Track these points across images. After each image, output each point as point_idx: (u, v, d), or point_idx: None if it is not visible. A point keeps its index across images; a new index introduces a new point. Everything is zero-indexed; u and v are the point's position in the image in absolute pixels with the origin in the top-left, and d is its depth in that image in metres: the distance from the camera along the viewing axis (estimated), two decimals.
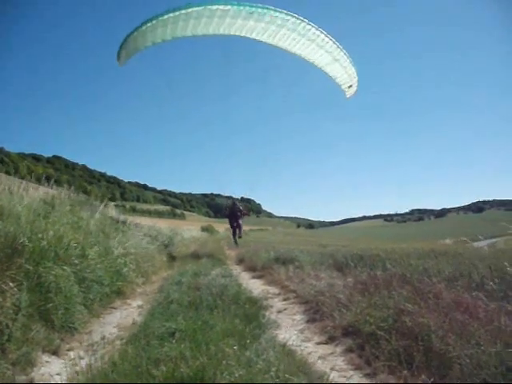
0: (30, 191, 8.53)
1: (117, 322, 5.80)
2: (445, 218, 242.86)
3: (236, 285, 8.32)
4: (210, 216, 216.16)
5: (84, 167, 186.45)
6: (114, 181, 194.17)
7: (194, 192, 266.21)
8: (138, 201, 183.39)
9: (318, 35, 10.43)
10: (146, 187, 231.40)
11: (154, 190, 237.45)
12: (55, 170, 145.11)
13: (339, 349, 4.64)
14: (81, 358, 4.16)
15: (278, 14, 9.66)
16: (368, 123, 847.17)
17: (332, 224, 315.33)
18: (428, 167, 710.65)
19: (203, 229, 55.96)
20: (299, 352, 4.41)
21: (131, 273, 8.28)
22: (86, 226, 8.01)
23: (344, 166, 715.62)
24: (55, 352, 4.27)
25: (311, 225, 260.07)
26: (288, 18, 9.84)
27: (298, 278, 8.39)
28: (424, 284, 5.60)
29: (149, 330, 4.93)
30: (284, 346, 4.44)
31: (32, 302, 4.42)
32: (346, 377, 3.85)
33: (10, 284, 4.19)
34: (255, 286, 9.05)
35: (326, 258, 10.62)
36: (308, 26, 10.17)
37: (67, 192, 10.99)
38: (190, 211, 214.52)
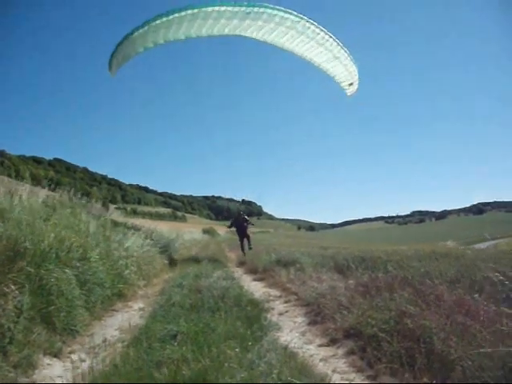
0: (31, 194, 8.53)
1: (118, 324, 5.80)
2: (446, 219, 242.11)
3: (237, 287, 8.31)
4: (211, 218, 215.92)
5: (85, 170, 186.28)
6: (115, 183, 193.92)
7: (195, 194, 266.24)
8: (139, 203, 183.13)
9: (318, 33, 10.32)
10: (147, 190, 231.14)
11: (154, 192, 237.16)
12: (56, 172, 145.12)
13: (341, 351, 4.63)
14: (82, 360, 4.17)
15: (276, 12, 9.55)
16: (368, 125, 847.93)
17: (333, 226, 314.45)
18: (429, 169, 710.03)
19: (204, 231, 55.90)
20: (301, 354, 4.41)
21: (132, 275, 8.29)
22: (87, 229, 8.01)
23: (345, 168, 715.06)
24: (57, 355, 4.27)
25: (312, 227, 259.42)
26: (287, 16, 9.71)
27: (299, 281, 8.38)
28: (426, 286, 5.60)
29: (150, 332, 4.93)
30: (286, 348, 4.44)
31: (34, 305, 4.42)
32: (347, 379, 3.85)
33: (12, 287, 4.19)
34: (256, 289, 9.05)
35: (327, 260, 10.62)
36: (307, 24, 10.05)
37: (68, 194, 11.00)
38: (191, 213, 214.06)
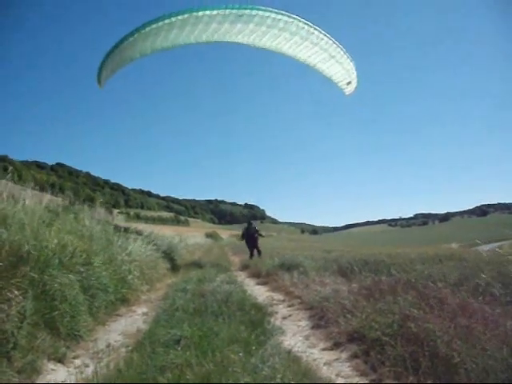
0: (34, 199, 8.56)
1: (122, 329, 5.80)
2: (449, 222, 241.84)
3: (241, 291, 8.30)
4: (214, 222, 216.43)
5: (88, 174, 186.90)
6: (117, 188, 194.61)
7: (197, 198, 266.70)
8: (142, 208, 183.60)
9: (312, 32, 10.03)
10: (149, 194, 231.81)
11: (157, 196, 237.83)
12: (59, 177, 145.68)
13: (344, 355, 4.62)
14: (86, 365, 4.18)
15: (268, 13, 9.21)
16: (371, 128, 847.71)
17: (336, 229, 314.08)
18: (431, 171, 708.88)
19: (207, 235, 55.97)
20: (304, 358, 4.40)
21: (136, 280, 8.30)
22: (90, 234, 8.03)
23: (348, 171, 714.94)
24: (61, 360, 4.28)
25: (315, 230, 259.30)
26: (279, 17, 9.40)
27: (302, 284, 8.37)
28: (429, 289, 5.58)
29: (154, 337, 4.93)
30: (289, 352, 4.43)
31: (37, 310, 4.44)
32: (351, 383, 3.84)
33: (16, 292, 4.20)
34: (260, 293, 9.04)
35: (330, 263, 10.60)
36: (301, 24, 9.78)
37: (71, 199, 11.04)
38: (193, 218, 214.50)
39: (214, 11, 8.98)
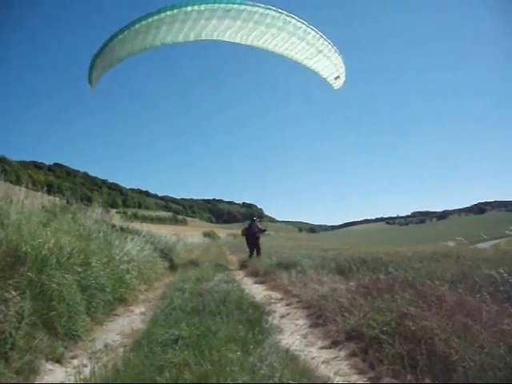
0: (31, 199, 8.55)
1: (120, 329, 5.80)
2: (447, 219, 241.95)
3: (239, 290, 8.31)
4: (211, 221, 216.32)
5: (85, 174, 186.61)
6: (115, 188, 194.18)
7: (195, 198, 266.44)
8: (140, 207, 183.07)
9: (300, 27, 9.80)
10: (147, 194, 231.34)
11: (155, 196, 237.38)
12: (56, 177, 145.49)
13: (343, 353, 4.62)
14: (84, 365, 4.17)
15: (256, 8, 9.11)
16: (368, 126, 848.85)
17: (334, 228, 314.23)
18: (429, 169, 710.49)
19: (205, 234, 56.10)
20: (303, 357, 4.41)
21: (134, 280, 8.29)
22: (87, 234, 8.01)
23: (345, 169, 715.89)
24: (59, 360, 4.27)
25: (313, 229, 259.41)
26: (267, 11, 9.24)
27: (300, 283, 8.37)
28: (427, 287, 5.59)
29: (152, 336, 4.93)
30: (287, 351, 4.44)
31: (35, 311, 4.42)
32: (349, 381, 3.84)
33: (13, 292, 4.19)
34: (258, 292, 9.04)
35: (328, 262, 10.61)
36: (288, 19, 9.55)
37: (69, 199, 11.03)
38: (191, 217, 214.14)
39: (202, 6, 8.88)
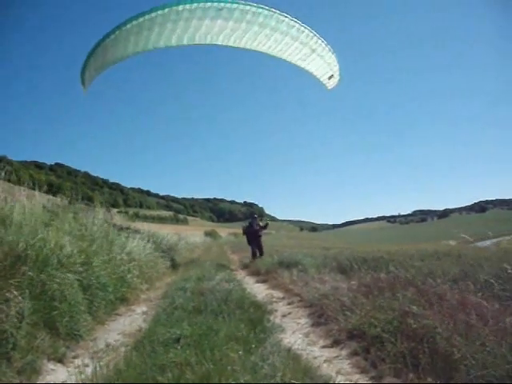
0: (33, 199, 8.54)
1: (121, 328, 5.80)
2: (448, 218, 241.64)
3: (240, 289, 8.30)
4: (213, 221, 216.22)
5: (86, 174, 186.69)
6: (116, 187, 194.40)
7: (196, 197, 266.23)
8: (141, 207, 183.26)
9: (293, 25, 9.58)
10: (148, 193, 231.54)
11: (156, 195, 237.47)
12: (58, 177, 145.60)
13: (344, 352, 4.61)
14: (86, 365, 4.16)
15: (248, 7, 8.93)
16: (369, 125, 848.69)
17: (335, 226, 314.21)
18: (430, 167, 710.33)
19: (206, 234, 56.13)
20: (304, 356, 4.40)
21: (135, 279, 8.29)
22: (89, 233, 8.01)
23: (346, 168, 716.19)
24: (60, 360, 4.27)
25: (314, 228, 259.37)
26: (260, 10, 9.07)
27: (301, 282, 8.36)
28: (428, 285, 5.58)
29: (154, 336, 4.92)
30: (289, 350, 4.43)
31: (36, 310, 4.42)
32: (351, 380, 3.83)
33: (14, 292, 4.19)
34: (259, 291, 9.03)
35: (329, 260, 10.60)
36: (281, 18, 9.34)
37: (70, 199, 11.02)
38: (193, 216, 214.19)
39: (194, 4, 8.74)
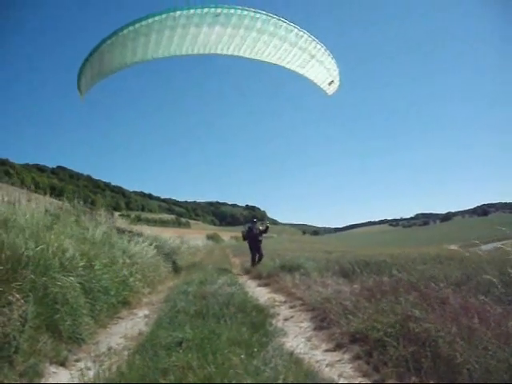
0: (35, 202, 8.57)
1: (123, 332, 5.79)
2: (450, 221, 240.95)
3: (242, 293, 8.28)
4: (215, 224, 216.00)
5: (88, 177, 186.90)
6: (118, 190, 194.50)
7: (198, 200, 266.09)
8: (143, 210, 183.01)
9: (291, 30, 9.31)
10: (150, 196, 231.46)
11: (158, 199, 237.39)
12: (60, 180, 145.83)
13: (347, 356, 4.60)
14: (88, 368, 4.16)
15: (246, 12, 8.77)
16: (371, 127, 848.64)
17: (337, 230, 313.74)
18: (432, 171, 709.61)
19: (208, 237, 56.18)
20: (307, 360, 4.38)
21: (137, 282, 8.30)
22: (91, 237, 8.03)
23: (348, 172, 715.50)
24: (63, 363, 4.27)
25: (316, 231, 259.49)
26: (258, 15, 8.86)
27: (304, 285, 8.36)
28: (431, 289, 5.57)
29: (156, 339, 4.91)
30: (291, 354, 4.42)
31: (39, 314, 4.43)
32: None
33: (17, 295, 4.21)
34: (261, 294, 9.01)
35: (331, 264, 10.59)
36: (280, 23, 9.11)
37: (72, 202, 11.06)
38: (195, 220, 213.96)
39: (191, 10, 8.66)
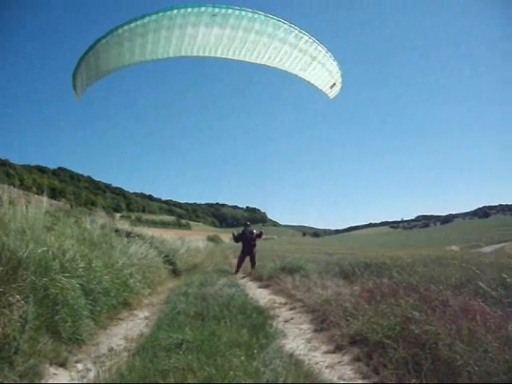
0: (35, 203, 8.57)
1: (124, 333, 5.78)
2: (451, 223, 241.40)
3: (242, 295, 8.30)
4: (215, 226, 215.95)
5: (89, 178, 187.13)
6: (119, 192, 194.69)
7: (199, 202, 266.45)
8: (144, 211, 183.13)
9: (291, 31, 8.96)
10: (151, 198, 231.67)
11: (159, 200, 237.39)
12: (60, 181, 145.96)
13: (347, 358, 4.60)
14: (88, 369, 4.17)
15: (244, 12, 8.43)
16: (372, 129, 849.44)
17: (338, 232, 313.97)
18: (433, 173, 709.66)
19: (209, 239, 56.19)
20: (306, 362, 4.38)
21: (137, 284, 8.28)
22: (91, 238, 8.03)
23: (349, 174, 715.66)
24: (63, 364, 4.26)
25: (317, 233, 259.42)
26: (256, 16, 8.57)
27: (304, 287, 8.35)
28: (431, 291, 5.57)
29: (156, 341, 4.91)
30: (291, 355, 4.43)
31: (39, 315, 4.43)
32: None
33: (17, 296, 4.21)
34: (262, 296, 9.01)
35: (332, 266, 10.59)
36: (279, 24, 8.78)
37: (72, 203, 11.07)
38: (195, 221, 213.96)
39: (189, 9, 8.33)
